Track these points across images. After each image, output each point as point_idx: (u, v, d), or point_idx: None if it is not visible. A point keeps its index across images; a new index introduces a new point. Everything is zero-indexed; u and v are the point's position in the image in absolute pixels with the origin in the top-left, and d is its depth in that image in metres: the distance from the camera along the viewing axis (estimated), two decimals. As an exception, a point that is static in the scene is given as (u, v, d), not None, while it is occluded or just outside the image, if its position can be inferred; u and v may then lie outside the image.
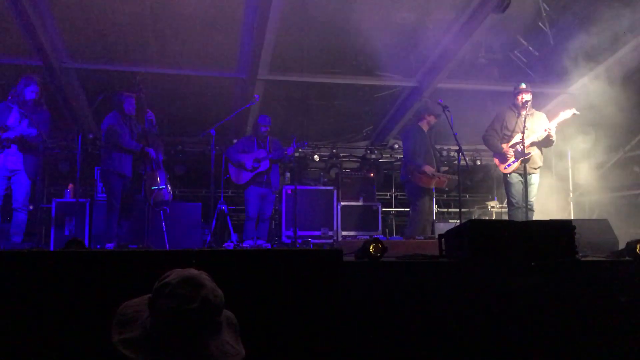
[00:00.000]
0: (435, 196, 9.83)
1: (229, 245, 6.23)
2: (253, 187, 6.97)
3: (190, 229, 7.00)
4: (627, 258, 3.72)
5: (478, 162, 9.95)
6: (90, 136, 8.21)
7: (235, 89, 8.35)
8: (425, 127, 7.07)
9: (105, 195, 6.54)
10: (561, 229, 3.60)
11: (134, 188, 6.43)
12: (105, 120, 6.26)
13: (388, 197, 10.15)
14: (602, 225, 5.20)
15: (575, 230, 4.66)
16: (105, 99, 6.19)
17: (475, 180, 9.35)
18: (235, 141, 7.87)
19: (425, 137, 7.01)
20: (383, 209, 8.74)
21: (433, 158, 6.95)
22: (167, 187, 6.38)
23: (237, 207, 8.40)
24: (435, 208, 9.78)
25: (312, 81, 8.31)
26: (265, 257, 2.52)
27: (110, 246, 5.84)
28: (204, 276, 1.57)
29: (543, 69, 8.16)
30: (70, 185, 7.62)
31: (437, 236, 3.95)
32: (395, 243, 5.60)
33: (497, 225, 3.69)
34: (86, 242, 6.61)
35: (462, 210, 7.65)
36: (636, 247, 3.67)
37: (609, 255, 3.91)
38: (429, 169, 6.74)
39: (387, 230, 9.49)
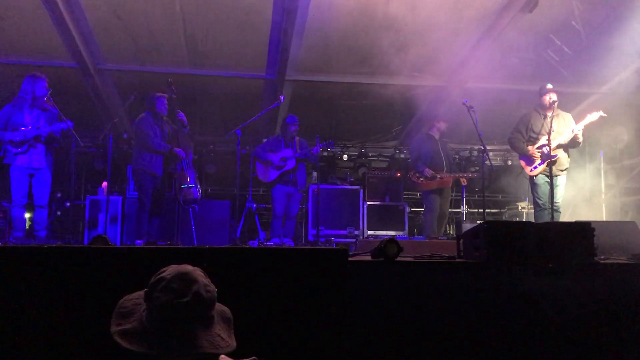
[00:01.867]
0: (466, 197, 9.82)
1: (254, 243, 6.34)
2: (280, 186, 7.07)
3: (219, 226, 7.15)
4: (649, 261, 3.66)
5: (509, 162, 9.86)
6: (125, 136, 8.46)
7: (264, 89, 8.48)
8: (436, 134, 7.45)
9: (136, 193, 6.72)
10: (580, 231, 3.56)
11: (165, 186, 6.60)
12: (137, 120, 6.44)
13: (418, 196, 10.13)
14: (629, 227, 5.10)
15: (601, 232, 4.63)
16: (137, 99, 6.36)
17: (506, 181, 9.25)
18: (264, 140, 7.99)
19: (434, 143, 7.36)
20: (412, 209, 8.74)
21: (443, 162, 7.29)
22: (196, 185, 6.53)
23: (266, 206, 8.52)
24: (465, 208, 9.76)
25: (340, 81, 8.38)
26: (268, 256, 2.58)
27: (139, 243, 6.01)
28: (197, 272, 1.66)
29: (576, 68, 8.01)
30: (104, 183, 7.86)
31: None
32: (417, 243, 5.61)
33: (513, 226, 3.67)
34: (118, 239, 6.83)
35: (493, 210, 7.64)
36: (658, 250, 3.61)
37: (630, 258, 3.85)
38: (427, 171, 7.12)
39: (415, 230, 9.48)
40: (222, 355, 1.60)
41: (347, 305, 2.66)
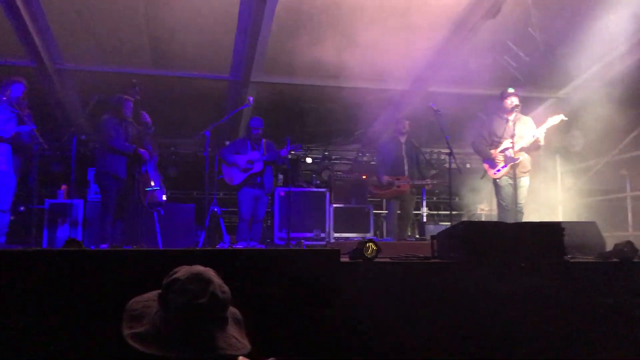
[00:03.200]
0: (426, 199, 10.00)
1: (222, 247, 6.27)
2: (246, 189, 7.01)
3: (184, 230, 7.05)
4: (614, 259, 3.81)
5: (468, 165, 10.09)
6: (83, 137, 8.23)
7: (230, 91, 8.41)
8: (401, 136, 7.45)
9: (98, 196, 6.56)
10: (550, 231, 3.69)
11: (129, 189, 6.46)
12: (100, 122, 6.29)
13: (379, 199, 10.24)
14: (590, 227, 5.29)
15: (564, 233, 4.79)
16: (99, 100, 6.21)
17: (465, 184, 9.46)
18: (228, 143, 7.92)
19: (397, 147, 7.39)
20: (375, 211, 8.82)
21: (404, 167, 7.31)
22: (161, 188, 6.43)
23: (230, 209, 8.45)
24: (425, 210, 9.93)
25: (305, 84, 8.39)
26: (263, 257, 2.57)
27: (104, 247, 5.87)
28: (211, 272, 1.64)
29: (533, 73, 8.28)
30: (64, 186, 7.63)
31: (428, 238, 4.03)
32: (386, 244, 5.67)
33: (489, 227, 3.77)
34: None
35: (454, 213, 7.79)
36: (623, 248, 3.76)
37: (596, 257, 4.00)
38: (384, 179, 7.19)
39: (377, 232, 9.58)
40: (240, 357, 1.59)
41: (339, 305, 2.68)
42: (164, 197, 6.49)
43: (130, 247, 6.11)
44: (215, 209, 7.20)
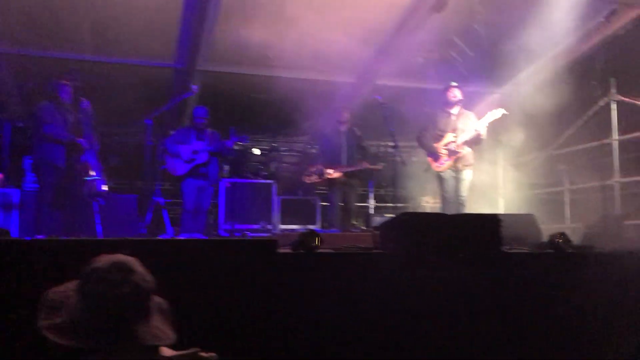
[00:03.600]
0: (374, 191, 10.07)
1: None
2: (190, 180, 6.87)
3: (125, 221, 6.85)
4: (549, 250, 3.93)
5: (414, 159, 10.21)
6: (20, 124, 7.89)
7: (174, 79, 8.23)
8: (341, 126, 7.40)
9: (35, 185, 6.31)
10: (488, 223, 3.77)
11: (67, 179, 6.23)
12: (37, 108, 6.03)
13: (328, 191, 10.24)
14: (527, 219, 5.45)
15: (502, 224, 4.92)
16: (36, 86, 5.95)
17: (410, 176, 9.58)
18: (172, 132, 7.75)
19: (336, 137, 7.35)
20: (322, 203, 8.82)
21: (343, 156, 7.24)
22: (102, 178, 6.23)
23: (176, 201, 8.28)
24: (373, 202, 10.00)
25: (253, 74, 8.30)
26: (199, 247, 2.52)
27: (40, 238, 5.65)
28: (133, 262, 1.59)
29: (477, 69, 8.45)
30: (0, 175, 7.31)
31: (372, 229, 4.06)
32: (331, 236, 5.68)
33: (428, 218, 3.82)
34: (16, 234, 6.38)
35: (398, 205, 7.87)
36: (557, 240, 3.89)
37: (532, 248, 4.12)
38: (317, 169, 7.20)
39: (326, 223, 9.59)
40: (163, 348, 1.54)
41: (275, 295, 2.65)
42: (105, 187, 6.28)
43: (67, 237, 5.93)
44: (159, 200, 7.06)
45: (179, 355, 1.61)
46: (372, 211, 9.79)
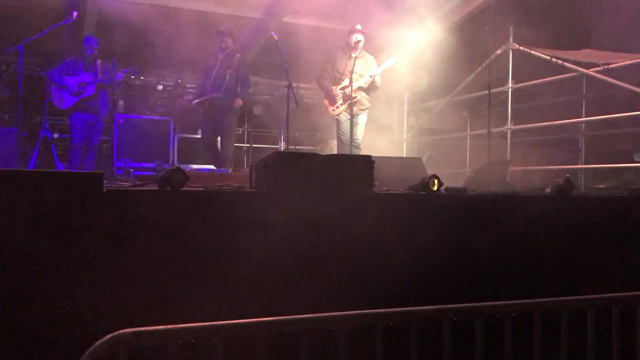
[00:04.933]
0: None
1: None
2: (78, 114, 6.51)
3: (5, 156, 6.42)
4: (422, 192, 4.00)
5: (311, 101, 10.08)
6: None
7: (66, 5, 7.63)
8: (219, 53, 6.88)
9: None
10: (361, 163, 3.77)
11: None
12: None
13: (240, 132, 10.01)
14: (415, 163, 5.56)
15: (389, 167, 4.97)
16: None
17: (316, 119, 9.52)
18: (61, 63, 7.25)
19: (213, 65, 6.84)
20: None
21: (208, 83, 6.72)
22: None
23: (66, 136, 7.85)
24: (284, 145, 9.91)
25: (152, 3, 7.84)
26: (13, 179, 2.33)
27: None
28: None
29: (386, 12, 8.34)
30: None
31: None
32: (222, 175, 5.55)
33: (300, 157, 3.78)
34: None
35: (309, 147, 7.76)
36: (429, 182, 3.95)
37: (407, 189, 4.17)
38: (185, 98, 7.12)
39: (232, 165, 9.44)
40: None
41: (104, 235, 2.53)
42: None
43: None
44: (47, 134, 6.67)
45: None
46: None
